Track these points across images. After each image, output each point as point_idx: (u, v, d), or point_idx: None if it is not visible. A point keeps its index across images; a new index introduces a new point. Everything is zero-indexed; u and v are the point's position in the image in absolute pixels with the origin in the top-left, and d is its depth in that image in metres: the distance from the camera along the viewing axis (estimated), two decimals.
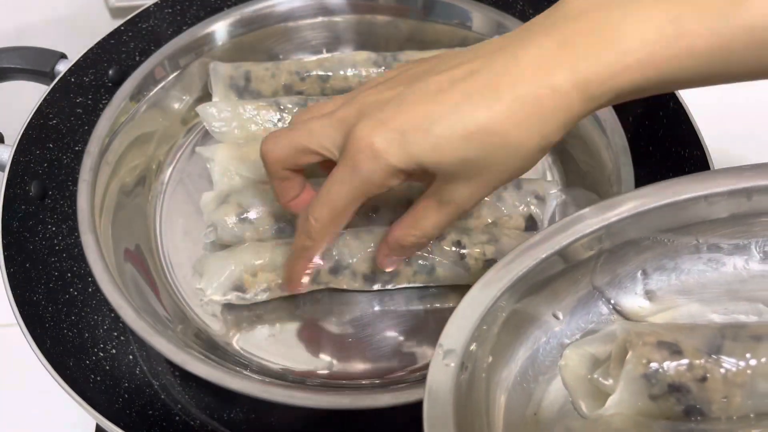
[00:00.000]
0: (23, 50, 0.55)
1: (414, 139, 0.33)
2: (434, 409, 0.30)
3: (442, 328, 0.32)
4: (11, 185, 0.48)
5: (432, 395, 0.30)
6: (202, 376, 0.38)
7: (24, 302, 0.44)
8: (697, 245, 0.34)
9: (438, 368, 0.30)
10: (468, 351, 0.30)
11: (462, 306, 0.31)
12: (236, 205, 0.46)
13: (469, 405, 0.30)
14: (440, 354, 0.30)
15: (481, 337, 0.31)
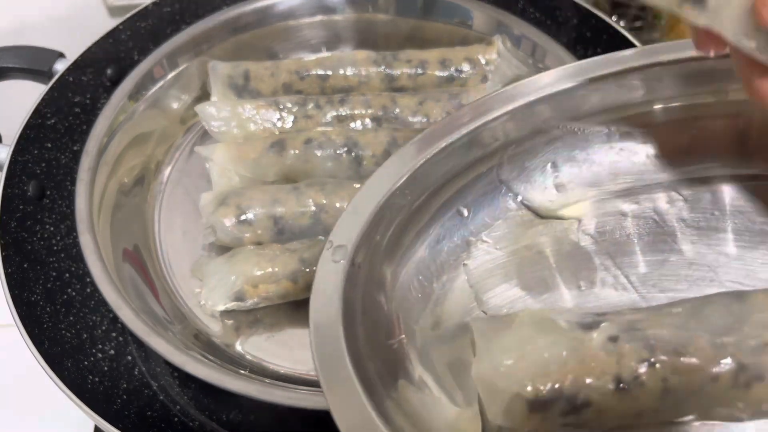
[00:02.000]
0: (21, 49, 0.55)
1: None
2: (320, 308, 0.27)
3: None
4: (9, 185, 0.48)
5: (319, 293, 0.27)
6: (201, 377, 0.38)
7: (22, 303, 0.43)
8: (609, 134, 0.33)
9: (326, 265, 0.27)
10: (359, 248, 0.28)
11: (355, 201, 0.29)
12: (235, 207, 0.46)
13: (359, 303, 0.28)
14: (329, 250, 0.27)
15: (375, 233, 0.28)
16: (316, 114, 0.52)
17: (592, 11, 0.57)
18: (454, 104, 0.53)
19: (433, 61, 0.55)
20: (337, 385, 0.25)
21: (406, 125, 0.52)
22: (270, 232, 0.46)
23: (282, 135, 0.50)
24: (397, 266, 0.30)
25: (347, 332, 0.26)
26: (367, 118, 0.52)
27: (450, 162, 0.30)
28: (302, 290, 0.45)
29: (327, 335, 0.26)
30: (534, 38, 0.55)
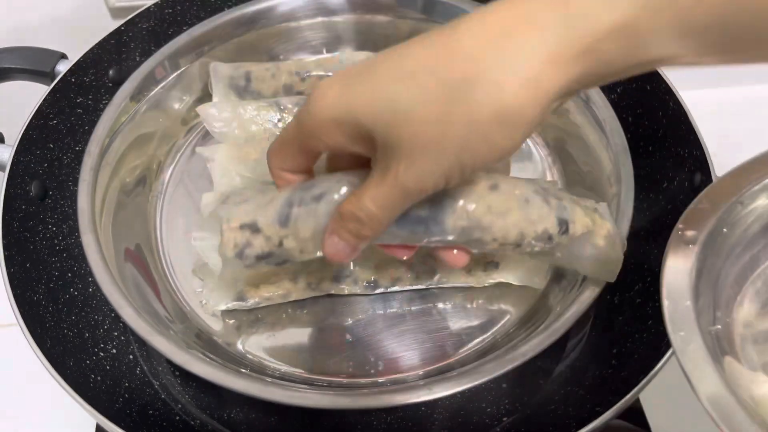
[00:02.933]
0: (23, 50, 0.55)
1: (355, 84, 0.29)
2: (673, 282, 0.33)
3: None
4: (12, 185, 0.48)
5: (671, 269, 0.33)
6: (203, 376, 0.38)
7: (24, 302, 0.44)
8: None
9: (677, 247, 0.33)
10: (710, 238, 0.33)
11: (708, 191, 0.34)
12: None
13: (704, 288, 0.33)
14: (679, 234, 0.33)
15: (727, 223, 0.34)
16: None
17: None
18: None
19: None
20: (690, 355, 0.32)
21: None
22: None
23: None
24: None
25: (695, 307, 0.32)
26: None
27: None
28: (302, 290, 0.45)
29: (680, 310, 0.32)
30: None
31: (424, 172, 0.29)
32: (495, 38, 0.27)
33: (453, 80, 0.27)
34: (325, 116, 0.31)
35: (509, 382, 0.46)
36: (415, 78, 0.28)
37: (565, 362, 0.47)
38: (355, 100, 0.29)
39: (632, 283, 0.48)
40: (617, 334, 0.46)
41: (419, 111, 0.28)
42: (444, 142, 0.28)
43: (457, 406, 0.45)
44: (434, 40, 0.29)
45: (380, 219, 0.32)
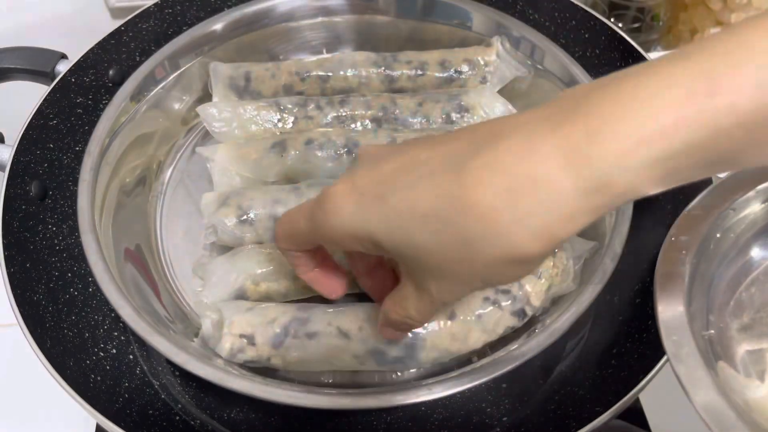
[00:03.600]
0: (23, 50, 0.55)
1: (370, 206, 0.30)
2: (667, 293, 0.34)
3: None
4: (12, 185, 0.48)
5: (664, 275, 0.34)
6: (203, 376, 0.38)
7: (24, 302, 0.44)
8: None
9: (670, 253, 0.34)
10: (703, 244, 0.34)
11: (701, 198, 0.35)
12: (236, 207, 0.46)
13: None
14: (672, 240, 0.34)
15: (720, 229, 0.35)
16: (317, 115, 0.52)
17: (591, 13, 0.57)
18: (454, 105, 0.53)
19: (432, 63, 0.56)
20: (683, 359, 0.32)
21: (406, 126, 0.53)
22: (271, 232, 0.47)
23: (283, 136, 0.51)
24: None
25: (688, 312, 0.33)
26: (367, 119, 0.52)
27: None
28: (302, 289, 0.45)
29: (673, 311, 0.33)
30: (533, 40, 0.55)
31: (456, 292, 0.32)
32: (510, 196, 0.27)
33: (469, 232, 0.28)
34: (342, 231, 0.31)
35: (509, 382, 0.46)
36: (428, 223, 0.28)
37: (565, 362, 0.47)
38: (372, 225, 0.30)
39: (632, 283, 0.48)
40: (617, 334, 0.46)
41: (438, 252, 0.29)
42: (468, 276, 0.30)
43: (457, 406, 0.45)
44: (446, 183, 0.28)
45: (425, 321, 0.36)
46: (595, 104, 0.26)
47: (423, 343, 0.40)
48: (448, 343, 0.40)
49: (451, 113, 0.53)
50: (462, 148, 0.29)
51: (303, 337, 0.40)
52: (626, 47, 0.54)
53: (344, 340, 0.40)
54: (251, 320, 0.41)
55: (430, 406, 0.45)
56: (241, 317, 0.41)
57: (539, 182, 0.26)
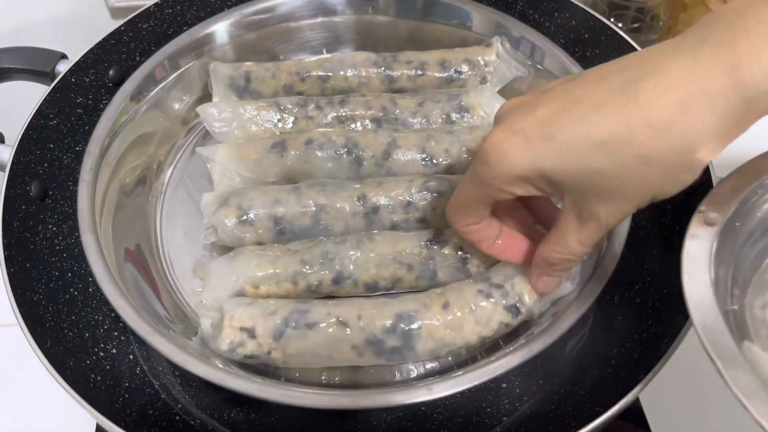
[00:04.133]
0: (24, 50, 0.55)
1: (537, 146, 0.32)
2: (693, 265, 0.35)
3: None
4: (12, 185, 0.48)
5: (691, 247, 0.35)
6: (203, 376, 0.38)
7: (24, 302, 0.44)
8: None
9: (698, 227, 0.35)
10: (730, 221, 0.35)
11: (730, 176, 0.36)
12: (236, 207, 0.46)
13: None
14: (701, 214, 0.35)
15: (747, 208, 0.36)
16: (317, 115, 0.52)
17: (591, 13, 0.57)
18: (454, 105, 0.53)
19: (432, 63, 0.56)
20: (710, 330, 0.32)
21: (406, 126, 0.53)
22: (271, 232, 0.47)
23: (283, 136, 0.51)
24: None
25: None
26: (367, 119, 0.52)
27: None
28: (302, 292, 0.45)
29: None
30: (533, 40, 0.55)
31: (624, 212, 0.34)
32: (685, 109, 0.29)
33: (650, 149, 0.30)
34: (513, 175, 0.33)
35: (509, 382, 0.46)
36: (607, 148, 0.31)
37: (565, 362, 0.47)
38: (544, 162, 0.32)
39: (632, 283, 0.48)
40: (617, 334, 0.46)
41: (616, 174, 0.31)
42: (640, 190, 0.32)
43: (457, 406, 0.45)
44: (620, 109, 0.31)
45: (585, 253, 0.37)
46: (749, 24, 0.29)
47: (419, 333, 0.41)
48: (444, 333, 0.41)
49: (451, 113, 0.53)
50: (620, 80, 0.31)
51: (303, 327, 0.41)
52: (626, 47, 0.54)
53: (343, 329, 0.41)
54: (252, 313, 0.42)
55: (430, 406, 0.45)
56: (242, 311, 0.42)
57: (709, 93, 0.29)
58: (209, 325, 0.42)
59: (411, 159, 0.49)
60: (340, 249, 0.44)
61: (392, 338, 0.41)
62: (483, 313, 0.42)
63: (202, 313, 0.43)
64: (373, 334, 0.41)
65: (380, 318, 0.41)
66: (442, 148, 0.49)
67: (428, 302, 0.42)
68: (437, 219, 0.47)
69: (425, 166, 0.49)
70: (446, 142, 0.50)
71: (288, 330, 0.41)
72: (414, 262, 0.44)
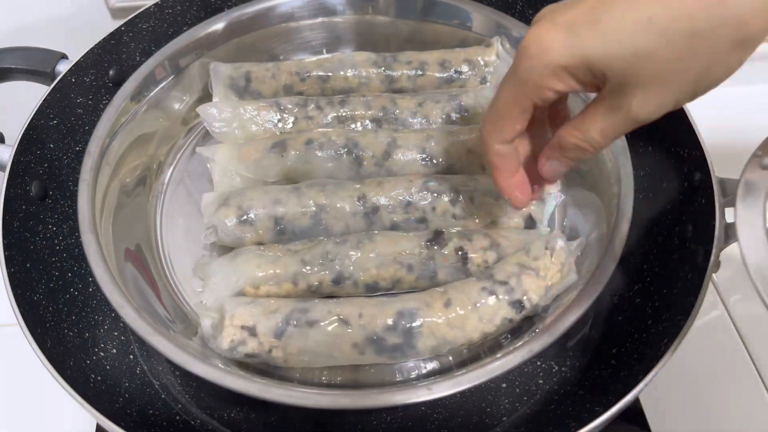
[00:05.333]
0: (24, 50, 0.55)
1: (581, 30, 0.31)
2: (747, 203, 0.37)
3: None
4: (12, 185, 0.48)
5: (747, 186, 0.37)
6: (203, 375, 0.38)
7: (24, 302, 0.44)
8: None
9: (754, 169, 0.37)
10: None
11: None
12: (236, 207, 0.46)
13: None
14: (757, 158, 0.37)
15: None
16: (317, 115, 0.52)
17: None
18: (454, 105, 0.53)
19: (432, 63, 0.56)
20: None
21: (406, 126, 0.53)
22: (271, 232, 0.47)
23: (283, 136, 0.51)
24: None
25: None
26: (367, 119, 0.53)
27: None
28: (302, 293, 0.45)
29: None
30: None
31: (659, 104, 0.32)
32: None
33: (699, 21, 0.29)
34: (555, 66, 0.32)
35: (509, 382, 0.46)
36: (653, 23, 0.29)
37: (565, 362, 0.47)
38: (588, 48, 0.31)
39: (632, 283, 0.48)
40: (617, 334, 0.46)
41: (662, 53, 0.30)
42: (685, 75, 0.30)
43: (457, 406, 0.45)
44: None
45: (603, 146, 0.35)
46: None
47: (420, 330, 0.41)
48: (446, 330, 0.41)
49: (451, 113, 0.53)
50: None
51: (304, 325, 0.41)
52: None
53: (344, 327, 0.41)
54: (253, 311, 0.42)
55: (430, 406, 0.45)
56: (243, 309, 0.42)
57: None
58: (209, 325, 0.42)
59: (411, 159, 0.49)
60: (340, 249, 0.44)
61: (393, 336, 0.41)
62: (486, 309, 0.41)
63: (202, 313, 0.43)
64: (374, 332, 0.41)
65: (381, 316, 0.41)
66: (442, 148, 0.49)
67: (430, 300, 0.42)
68: (437, 219, 0.47)
69: (425, 166, 0.49)
70: (446, 143, 0.50)
71: (289, 328, 0.41)
72: (414, 263, 0.44)
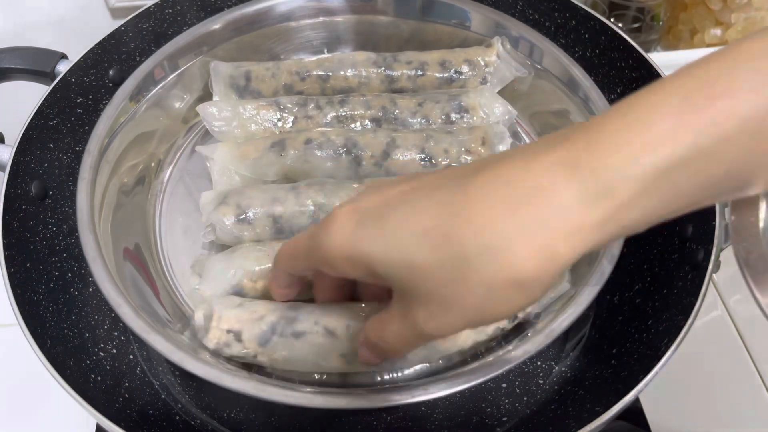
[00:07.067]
0: (24, 50, 0.55)
1: (368, 225, 0.29)
2: None
3: None
4: (12, 185, 0.48)
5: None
6: (202, 375, 0.38)
7: (24, 302, 0.44)
8: None
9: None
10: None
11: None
12: (235, 206, 0.46)
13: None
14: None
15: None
16: (317, 114, 0.52)
17: (591, 13, 0.57)
18: (454, 105, 0.53)
19: (432, 63, 0.56)
20: None
21: (406, 126, 0.53)
22: (269, 231, 0.47)
23: (282, 135, 0.51)
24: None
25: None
26: (366, 119, 0.52)
27: None
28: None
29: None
30: (533, 40, 0.55)
31: (446, 324, 0.29)
32: (511, 207, 0.26)
33: (468, 247, 0.26)
34: (339, 254, 0.30)
35: (509, 382, 0.46)
36: (428, 238, 0.27)
37: (565, 362, 0.47)
38: (369, 246, 0.29)
39: (632, 283, 0.48)
40: (617, 334, 0.46)
41: (435, 272, 0.27)
42: (462, 302, 0.28)
43: (457, 406, 0.45)
44: (448, 197, 0.28)
45: (400, 352, 0.33)
46: (594, 122, 0.26)
47: None
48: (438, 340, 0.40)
49: (451, 114, 0.53)
50: (466, 170, 0.28)
51: (289, 336, 0.40)
52: (626, 47, 0.54)
53: (331, 338, 0.40)
54: (240, 316, 0.41)
55: (430, 406, 0.45)
56: (230, 312, 0.41)
57: (540, 192, 0.26)
58: (202, 317, 0.42)
59: (410, 159, 0.49)
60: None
61: None
62: None
63: (196, 303, 0.43)
64: None
65: None
66: (442, 149, 0.49)
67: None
68: None
69: (424, 167, 0.49)
70: (446, 143, 0.50)
71: (274, 338, 0.41)
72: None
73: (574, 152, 0.26)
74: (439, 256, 0.27)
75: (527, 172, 0.26)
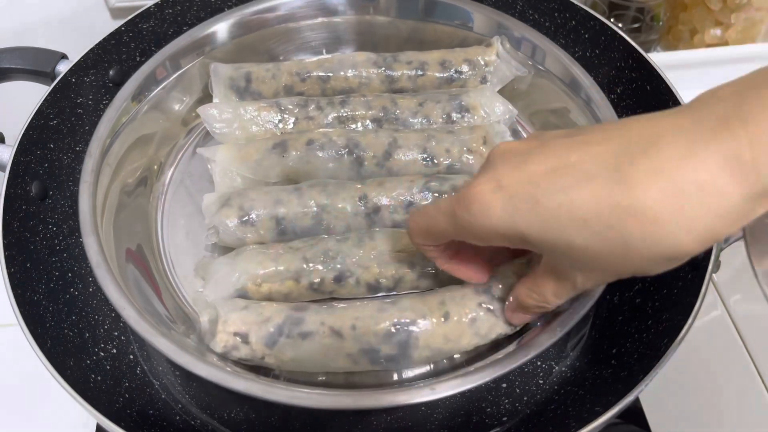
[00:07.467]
0: (24, 50, 0.55)
1: (521, 206, 0.31)
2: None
3: None
4: (12, 185, 0.48)
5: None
6: (203, 376, 0.38)
7: (24, 302, 0.44)
8: None
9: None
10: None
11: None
12: (237, 208, 0.46)
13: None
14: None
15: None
16: (317, 115, 0.52)
17: (591, 13, 0.57)
18: (454, 105, 0.53)
19: (432, 63, 0.56)
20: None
21: (407, 126, 0.53)
22: (272, 232, 0.47)
23: (284, 136, 0.51)
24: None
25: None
26: (367, 119, 0.53)
27: None
28: (305, 290, 0.45)
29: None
30: (533, 40, 0.55)
31: (600, 281, 0.35)
32: (673, 201, 0.28)
33: (633, 238, 0.29)
34: (491, 230, 0.32)
35: (509, 382, 0.46)
36: (588, 226, 0.29)
37: (565, 362, 0.47)
38: (525, 226, 0.31)
39: (632, 283, 0.48)
40: (617, 334, 0.46)
41: (594, 251, 0.30)
42: (620, 269, 0.31)
43: (457, 406, 0.45)
44: (606, 190, 0.29)
45: (562, 303, 0.37)
46: (749, 111, 0.27)
47: (416, 342, 0.41)
48: (441, 343, 0.41)
49: (451, 113, 0.53)
50: (615, 150, 0.29)
51: (296, 337, 0.41)
52: (626, 47, 0.55)
53: (337, 339, 0.40)
54: (246, 318, 0.41)
55: (431, 406, 0.45)
56: (236, 315, 0.42)
57: (705, 188, 0.27)
58: (207, 322, 0.42)
59: (412, 159, 0.49)
60: (341, 247, 0.44)
61: (388, 347, 0.41)
62: (483, 325, 0.41)
63: (200, 307, 0.43)
64: (369, 344, 0.41)
65: (377, 328, 0.41)
66: (443, 148, 0.49)
67: (427, 312, 0.41)
68: None
69: (426, 166, 0.49)
70: (447, 142, 0.50)
71: (281, 339, 0.41)
72: (415, 260, 0.44)
73: (735, 147, 0.27)
74: (601, 241, 0.29)
75: (690, 166, 0.27)
